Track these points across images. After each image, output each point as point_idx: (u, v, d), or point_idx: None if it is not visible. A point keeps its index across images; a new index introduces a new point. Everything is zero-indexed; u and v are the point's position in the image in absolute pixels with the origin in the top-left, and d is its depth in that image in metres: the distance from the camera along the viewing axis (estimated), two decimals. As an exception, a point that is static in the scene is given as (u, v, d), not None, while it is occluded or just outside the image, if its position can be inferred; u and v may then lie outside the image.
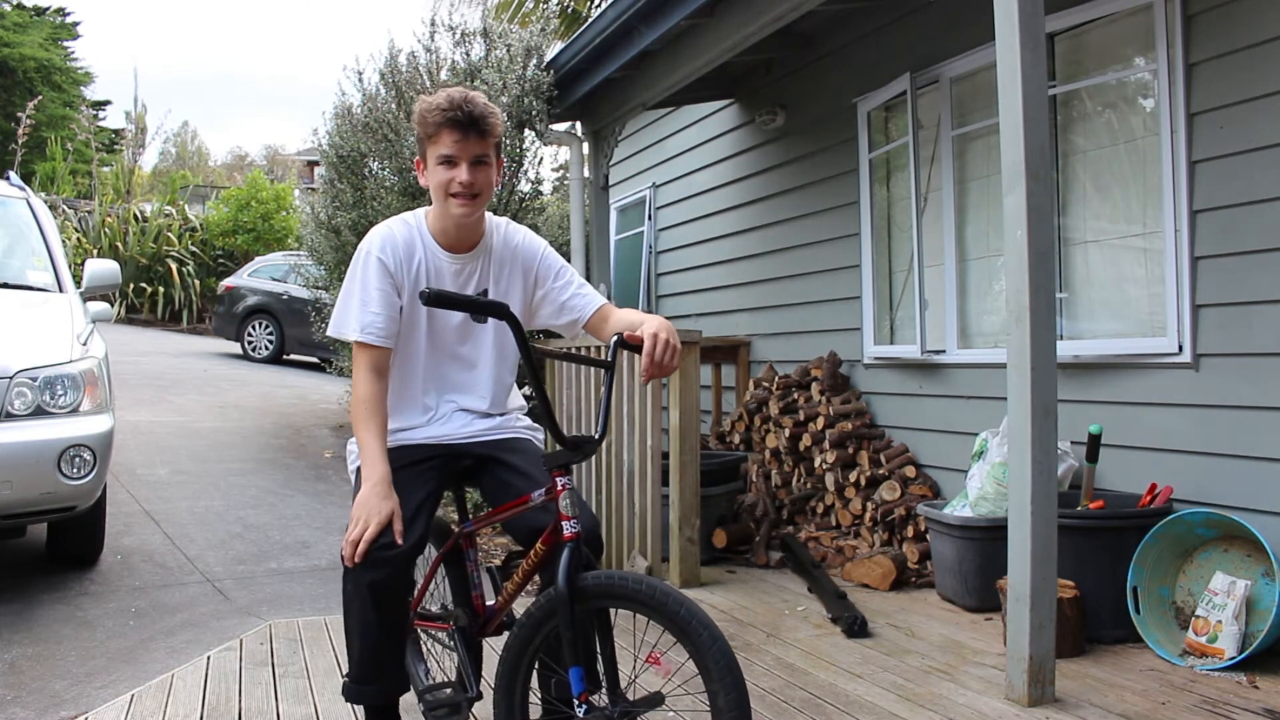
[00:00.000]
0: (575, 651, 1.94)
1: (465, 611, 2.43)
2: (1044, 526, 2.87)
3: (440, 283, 2.30)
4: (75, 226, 16.58)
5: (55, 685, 3.30)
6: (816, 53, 5.94)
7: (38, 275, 4.98)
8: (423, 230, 2.33)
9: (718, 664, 1.82)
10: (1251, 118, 3.46)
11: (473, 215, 2.27)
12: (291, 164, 36.53)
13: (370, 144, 6.47)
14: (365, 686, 2.25)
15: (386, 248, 2.27)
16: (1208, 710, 2.85)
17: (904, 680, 3.15)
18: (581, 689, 1.93)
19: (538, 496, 2.15)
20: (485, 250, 2.36)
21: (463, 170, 2.20)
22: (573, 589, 1.95)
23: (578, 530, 2.01)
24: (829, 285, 5.81)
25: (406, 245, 2.29)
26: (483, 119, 2.20)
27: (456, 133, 2.18)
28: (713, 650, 1.83)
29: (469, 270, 2.34)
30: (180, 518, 5.57)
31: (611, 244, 7.74)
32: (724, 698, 1.81)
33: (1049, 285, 2.93)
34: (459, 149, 2.20)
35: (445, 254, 2.32)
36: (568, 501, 2.03)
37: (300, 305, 11.79)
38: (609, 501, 4.79)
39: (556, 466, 2.05)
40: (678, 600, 1.88)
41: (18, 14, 23.31)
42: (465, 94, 2.20)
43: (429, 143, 2.24)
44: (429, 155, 2.25)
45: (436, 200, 2.28)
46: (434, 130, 2.20)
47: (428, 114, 2.20)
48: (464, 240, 2.33)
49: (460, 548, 2.46)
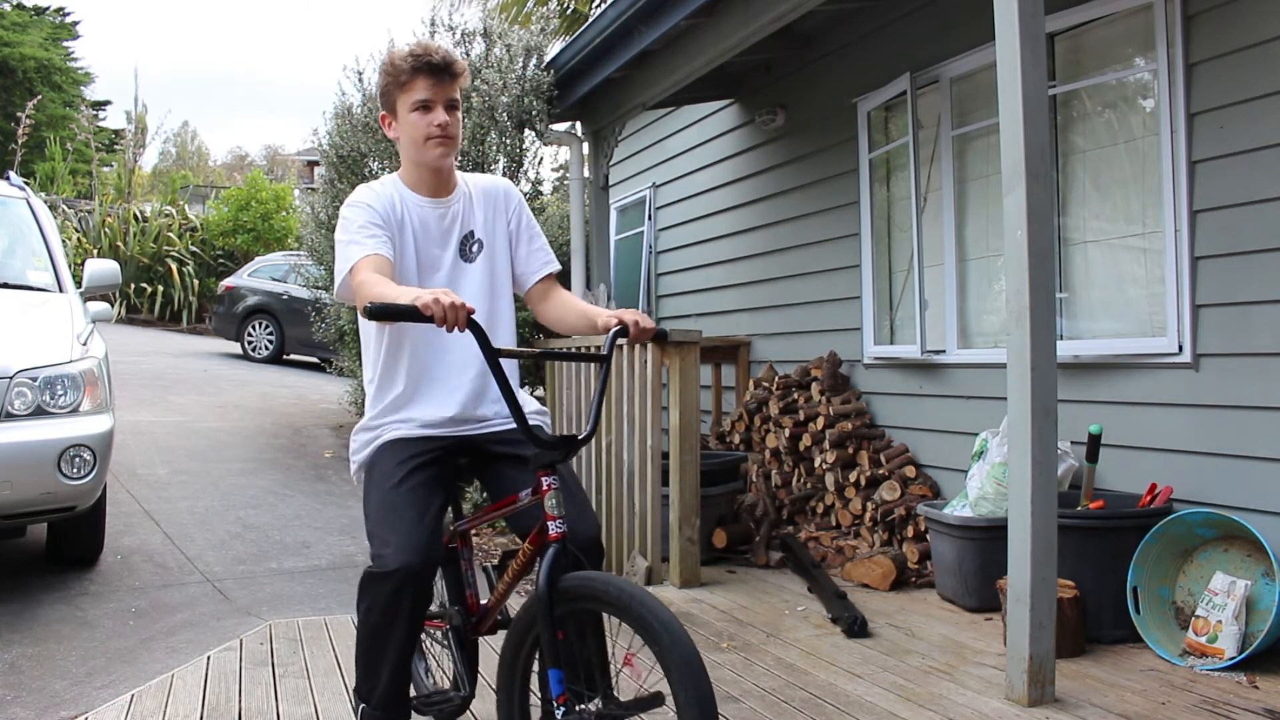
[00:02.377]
0: (554, 653, 1.93)
1: (459, 610, 2.43)
2: (1044, 526, 2.87)
3: (425, 227, 2.33)
4: (75, 226, 16.58)
5: (55, 685, 3.30)
6: (816, 53, 5.94)
7: (38, 275, 4.98)
8: (399, 185, 2.36)
9: (678, 665, 1.79)
10: (1251, 118, 3.46)
11: (448, 158, 2.32)
12: (291, 164, 36.53)
13: (370, 144, 6.47)
14: (394, 710, 2.20)
15: (372, 195, 2.30)
16: (1208, 710, 2.85)
17: (904, 680, 3.15)
18: (560, 691, 1.91)
19: (525, 496, 2.14)
20: (463, 195, 2.41)
21: (439, 112, 2.26)
22: (552, 591, 1.94)
23: (562, 531, 1.99)
24: (829, 285, 5.81)
25: (386, 199, 2.31)
26: (453, 63, 2.28)
27: (431, 77, 2.25)
28: (674, 652, 1.80)
29: (451, 214, 2.37)
30: (180, 517, 5.57)
31: (611, 244, 7.74)
32: (684, 696, 1.79)
33: (1049, 285, 2.93)
34: (434, 92, 2.26)
35: (427, 200, 2.35)
36: (553, 501, 2.01)
37: (300, 305, 11.79)
38: (609, 501, 4.79)
39: (541, 466, 2.04)
40: (641, 601, 1.86)
41: (18, 14, 23.30)
42: (432, 42, 2.30)
43: (400, 91, 2.28)
44: (400, 104, 2.29)
45: (411, 148, 2.31)
46: (407, 77, 2.25)
47: (398, 62, 2.26)
48: (441, 186, 2.37)
49: (455, 546, 2.46)
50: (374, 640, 2.16)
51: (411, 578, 2.08)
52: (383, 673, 2.16)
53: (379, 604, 2.11)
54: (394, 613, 2.10)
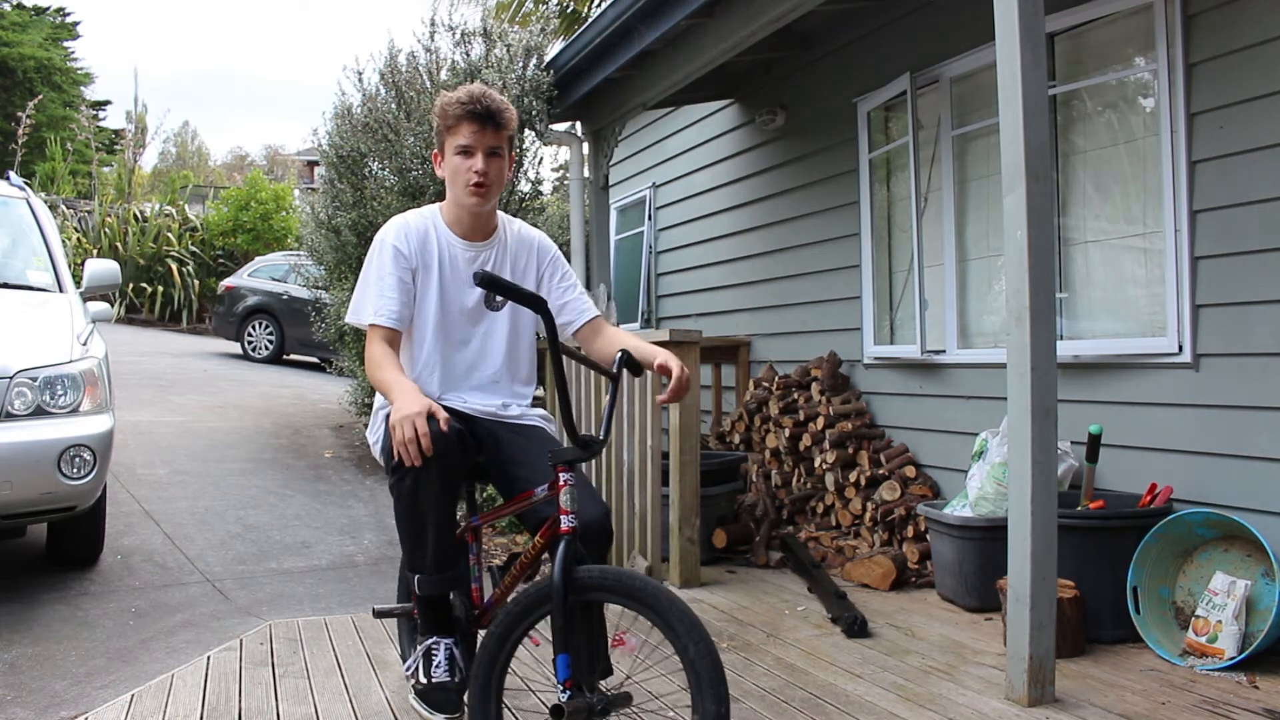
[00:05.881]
0: (565, 640, 2.02)
1: (463, 602, 2.50)
2: (1044, 526, 2.87)
3: (455, 267, 2.46)
4: (75, 226, 16.58)
5: (55, 685, 3.30)
6: (816, 53, 5.94)
7: (38, 275, 4.98)
8: (436, 220, 2.50)
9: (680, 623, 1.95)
10: (1251, 118, 3.46)
11: (485, 205, 2.44)
12: (291, 164, 36.55)
13: (370, 144, 6.47)
14: (447, 573, 2.33)
15: (401, 235, 2.44)
16: (1208, 710, 2.85)
17: (904, 680, 3.15)
18: (567, 675, 2.02)
19: (541, 492, 2.24)
20: (499, 241, 2.53)
21: (478, 159, 2.38)
22: (567, 580, 2.03)
23: (574, 525, 2.09)
24: (829, 285, 5.81)
25: (420, 232, 2.46)
26: (499, 113, 2.40)
27: (475, 124, 2.37)
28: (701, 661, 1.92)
29: (483, 258, 2.49)
30: (180, 518, 5.57)
31: (611, 244, 7.74)
32: (706, 703, 1.91)
33: (1049, 285, 2.93)
34: (476, 139, 2.38)
35: (460, 241, 2.49)
36: (568, 497, 2.11)
37: (300, 305, 11.79)
38: (609, 501, 4.79)
39: (562, 462, 2.13)
40: (669, 600, 1.99)
41: (18, 14, 23.31)
42: (484, 90, 2.42)
43: (448, 134, 2.42)
44: (447, 146, 2.43)
45: (451, 189, 2.46)
46: (454, 122, 2.39)
47: (448, 107, 2.40)
48: (478, 229, 2.50)
49: (466, 540, 2.54)
50: (421, 513, 2.24)
51: (442, 438, 2.13)
52: (427, 542, 2.27)
53: (431, 474, 2.16)
54: (441, 474, 2.18)
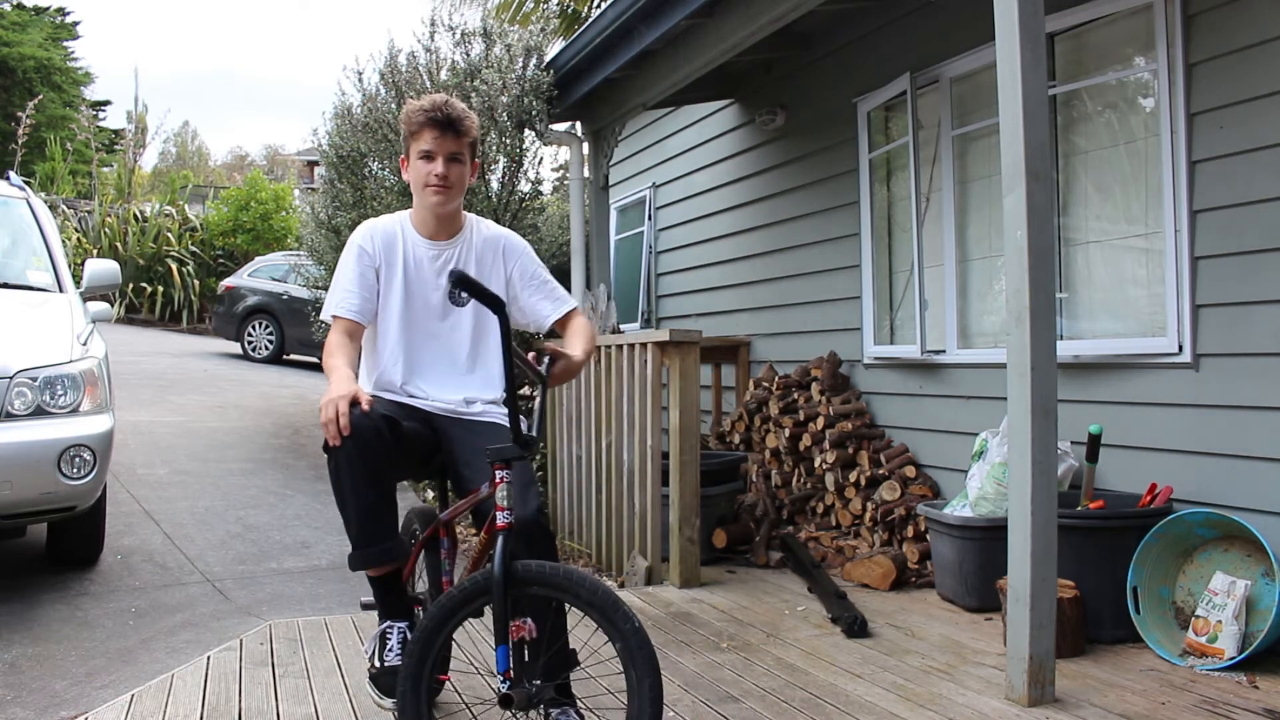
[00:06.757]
0: (503, 632, 2.09)
1: (434, 596, 2.59)
2: (1044, 526, 2.87)
3: (419, 266, 2.60)
4: (75, 226, 16.58)
5: (55, 685, 3.30)
6: (816, 53, 5.94)
7: (38, 275, 4.98)
8: (404, 222, 2.65)
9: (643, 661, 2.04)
10: (1251, 118, 3.46)
11: (446, 205, 2.57)
12: (291, 164, 36.57)
13: (370, 144, 6.47)
14: (369, 549, 2.40)
15: (367, 235, 2.61)
16: (1208, 710, 2.85)
17: (904, 680, 3.15)
18: (506, 666, 2.09)
19: (485, 489, 2.31)
20: (464, 240, 2.66)
21: (439, 164, 2.52)
22: (506, 574, 2.10)
23: (510, 520, 2.15)
24: (829, 285, 5.81)
25: (387, 234, 2.62)
26: (459, 120, 2.53)
27: (435, 130, 2.51)
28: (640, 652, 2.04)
29: (446, 256, 2.62)
30: (180, 518, 5.57)
31: (611, 244, 7.74)
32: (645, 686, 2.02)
33: (1049, 285, 2.93)
34: (437, 145, 2.52)
35: (425, 240, 2.63)
36: (504, 494, 2.17)
37: (300, 305, 11.79)
38: (609, 501, 4.79)
39: (498, 460, 2.19)
40: (605, 596, 2.09)
41: (17, 14, 23.31)
42: (446, 99, 2.55)
43: (411, 140, 2.56)
44: (411, 151, 2.57)
45: (416, 192, 2.60)
46: (417, 128, 2.53)
47: (412, 115, 2.54)
48: (441, 230, 2.64)
49: (438, 535, 2.62)
50: (346, 488, 2.36)
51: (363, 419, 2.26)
52: (351, 518, 2.40)
53: (350, 452, 2.29)
54: (361, 453, 2.30)
